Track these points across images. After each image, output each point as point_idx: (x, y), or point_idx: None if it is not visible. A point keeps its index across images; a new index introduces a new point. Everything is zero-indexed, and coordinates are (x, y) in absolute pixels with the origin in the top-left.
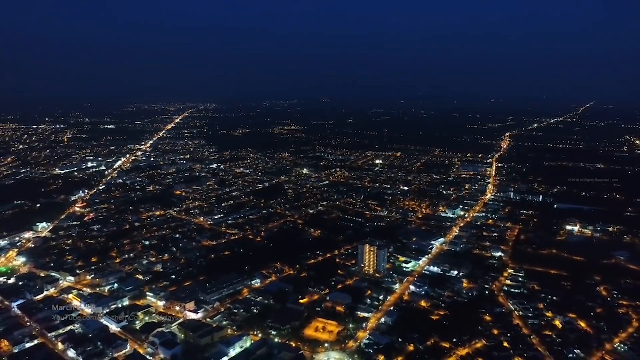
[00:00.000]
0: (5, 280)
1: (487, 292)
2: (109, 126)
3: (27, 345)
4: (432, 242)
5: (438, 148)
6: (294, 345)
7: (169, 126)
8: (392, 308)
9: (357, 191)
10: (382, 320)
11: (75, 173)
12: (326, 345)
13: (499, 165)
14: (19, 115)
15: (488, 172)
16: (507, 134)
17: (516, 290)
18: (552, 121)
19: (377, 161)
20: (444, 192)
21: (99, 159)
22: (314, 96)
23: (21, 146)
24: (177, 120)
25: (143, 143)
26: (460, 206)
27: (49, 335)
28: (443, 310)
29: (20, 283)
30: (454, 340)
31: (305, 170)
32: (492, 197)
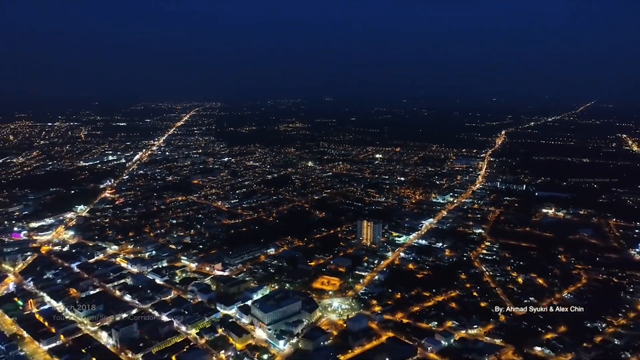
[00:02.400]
0: (60, 248)
1: (465, 259)
2: (121, 124)
3: (91, 292)
4: (423, 221)
5: (435, 144)
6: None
7: (179, 124)
8: (384, 269)
9: (358, 181)
10: (376, 277)
11: (99, 165)
12: (330, 293)
13: (491, 159)
14: (31, 113)
15: (480, 166)
16: (504, 131)
17: (490, 257)
18: (549, 120)
19: (377, 156)
20: (437, 182)
21: (118, 153)
22: (317, 95)
23: (42, 142)
24: (186, 118)
25: (156, 139)
26: (451, 193)
27: (106, 286)
28: (427, 271)
29: (73, 250)
30: (434, 290)
31: (310, 163)
32: (481, 186)
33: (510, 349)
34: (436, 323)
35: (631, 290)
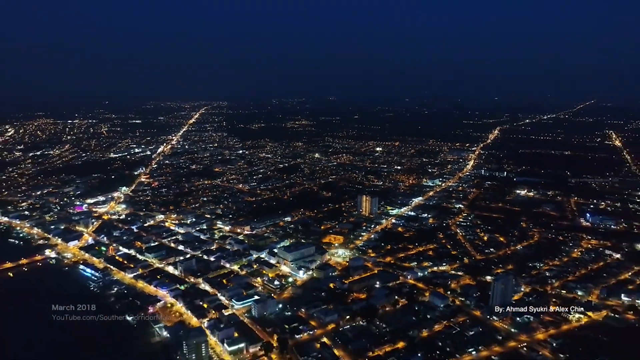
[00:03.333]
0: (118, 217)
1: (444, 225)
2: (136, 121)
3: (152, 244)
4: (413, 199)
5: (432, 139)
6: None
7: (191, 121)
8: (379, 231)
9: (359, 169)
10: (372, 236)
11: (128, 157)
12: (336, 245)
13: (481, 152)
14: (48, 112)
15: (470, 157)
16: (498, 128)
17: (464, 224)
18: (544, 117)
19: (378, 149)
20: (429, 170)
21: (142, 146)
22: (321, 95)
23: (69, 137)
24: (196, 116)
25: (173, 135)
26: (440, 178)
27: (162, 240)
28: (412, 232)
29: (129, 218)
30: (416, 244)
31: (317, 155)
32: (468, 173)
33: (467, 277)
34: (415, 263)
35: (571, 244)
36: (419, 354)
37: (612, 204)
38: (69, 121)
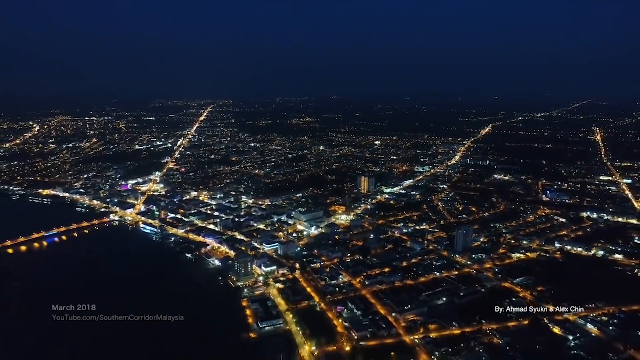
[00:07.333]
0: (159, 193)
1: (429, 199)
2: (150, 118)
3: (192, 211)
4: (405, 181)
5: (427, 134)
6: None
7: (201, 118)
8: (374, 203)
9: (359, 159)
10: (368, 207)
11: (151, 148)
12: (339, 212)
13: (471, 145)
14: (63, 110)
15: (460, 150)
16: (491, 124)
17: (445, 199)
18: (538, 115)
19: (377, 142)
20: (421, 160)
21: (162, 140)
22: (323, 94)
23: (92, 132)
24: (205, 114)
25: (187, 130)
26: (430, 166)
27: (200, 209)
28: (402, 204)
29: (168, 194)
30: (404, 212)
31: (321, 147)
32: (455, 162)
33: (441, 232)
34: (402, 224)
35: (528, 212)
36: (399, 274)
37: (573, 185)
38: (86, 118)
